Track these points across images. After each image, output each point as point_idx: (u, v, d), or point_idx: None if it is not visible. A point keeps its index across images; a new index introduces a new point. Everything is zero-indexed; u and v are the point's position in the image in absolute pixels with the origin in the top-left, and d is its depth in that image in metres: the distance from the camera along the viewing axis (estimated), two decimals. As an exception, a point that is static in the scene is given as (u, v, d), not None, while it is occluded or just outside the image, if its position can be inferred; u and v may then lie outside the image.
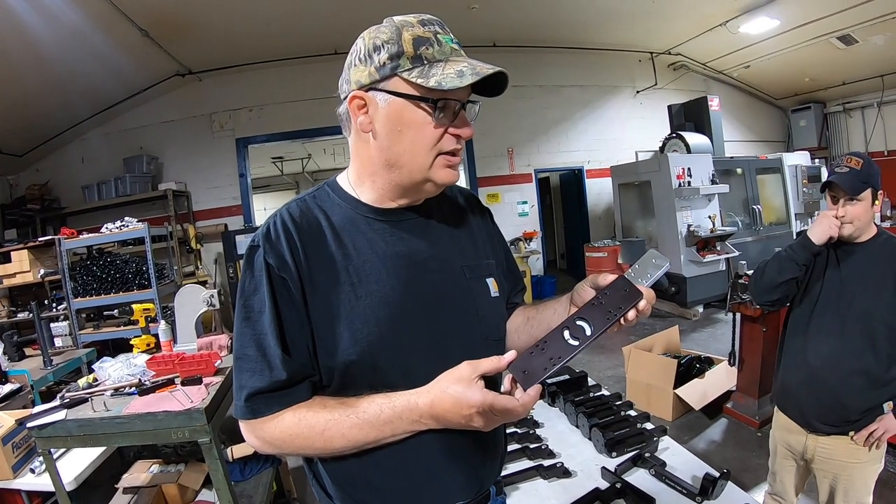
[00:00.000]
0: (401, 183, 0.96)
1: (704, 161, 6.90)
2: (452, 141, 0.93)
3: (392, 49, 0.87)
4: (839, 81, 9.27)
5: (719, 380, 3.97)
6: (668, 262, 0.93)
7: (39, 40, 5.17)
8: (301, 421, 0.88)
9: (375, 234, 0.98)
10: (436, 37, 0.89)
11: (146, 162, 7.63)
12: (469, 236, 1.11)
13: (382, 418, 0.86)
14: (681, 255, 6.57)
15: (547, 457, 1.95)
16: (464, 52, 0.92)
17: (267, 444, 0.92)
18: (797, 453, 2.03)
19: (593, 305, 0.86)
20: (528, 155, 8.98)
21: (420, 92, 0.87)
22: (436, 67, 0.87)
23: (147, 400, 2.20)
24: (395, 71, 0.87)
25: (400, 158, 0.93)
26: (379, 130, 0.92)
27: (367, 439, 0.88)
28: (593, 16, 7.56)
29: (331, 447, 0.89)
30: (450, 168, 0.95)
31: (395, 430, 0.88)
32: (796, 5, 6.99)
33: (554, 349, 0.80)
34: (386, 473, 0.96)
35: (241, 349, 0.91)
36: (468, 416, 0.81)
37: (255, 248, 0.93)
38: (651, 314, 2.41)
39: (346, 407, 0.88)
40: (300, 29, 6.84)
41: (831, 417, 1.88)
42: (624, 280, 0.88)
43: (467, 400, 0.80)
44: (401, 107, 0.89)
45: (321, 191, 1.03)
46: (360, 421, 0.86)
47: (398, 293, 0.94)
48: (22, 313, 5.84)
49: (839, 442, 1.88)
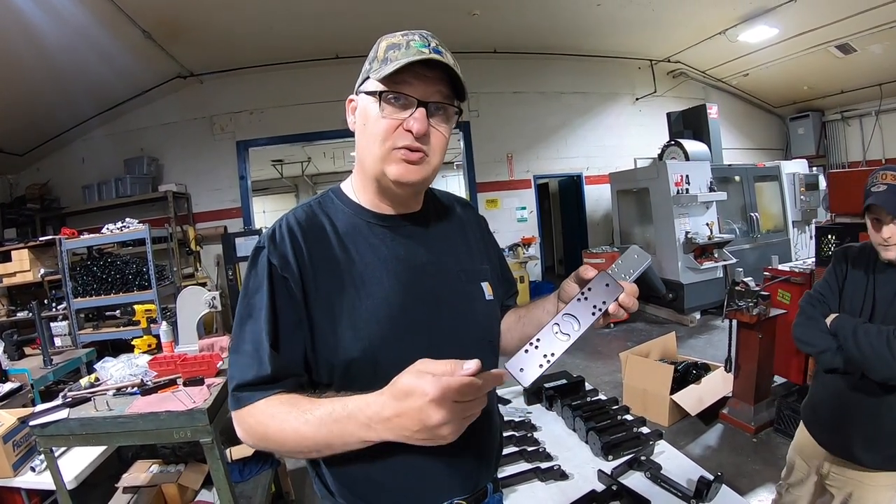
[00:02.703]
0: (369, 177, 1.01)
1: (703, 168, 6.93)
2: (406, 137, 0.93)
3: (371, 56, 0.97)
4: (837, 90, 9.30)
5: (715, 386, 3.99)
6: (649, 258, 0.97)
7: (42, 37, 5.17)
8: (266, 410, 0.89)
9: (377, 239, 1.02)
10: (408, 43, 0.93)
11: (147, 163, 7.64)
12: (465, 242, 1.16)
13: (332, 417, 0.81)
14: (678, 261, 6.60)
15: (544, 459, 1.97)
16: (446, 56, 0.93)
17: (246, 434, 0.92)
18: (813, 468, 1.99)
19: (578, 301, 0.89)
20: (528, 161, 9.02)
21: (374, 87, 0.94)
22: (389, 64, 0.91)
23: (149, 400, 2.22)
24: (367, 74, 0.97)
25: (363, 152, 0.99)
26: (357, 129, 1.00)
27: (315, 437, 0.83)
28: (593, 23, 7.59)
29: (285, 443, 0.87)
30: (405, 162, 0.95)
31: (345, 434, 0.80)
32: (795, 14, 7.02)
33: (546, 346, 0.82)
34: (385, 470, 0.98)
35: (238, 344, 0.95)
36: (422, 407, 0.71)
37: (261, 249, 0.97)
38: (648, 320, 2.42)
39: (310, 403, 0.86)
40: (302, 33, 6.87)
41: (845, 452, 1.82)
42: (606, 275, 0.91)
43: (421, 387, 0.71)
44: (365, 103, 0.97)
45: (326, 197, 1.08)
46: (313, 418, 0.83)
47: (398, 295, 0.98)
48: (21, 312, 5.84)
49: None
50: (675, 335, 4.63)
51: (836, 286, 1.92)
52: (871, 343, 1.67)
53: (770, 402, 3.76)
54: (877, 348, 1.66)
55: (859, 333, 1.72)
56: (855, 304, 1.83)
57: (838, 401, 1.85)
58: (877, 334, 1.68)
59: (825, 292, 1.95)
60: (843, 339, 1.77)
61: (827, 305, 1.92)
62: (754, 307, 3.51)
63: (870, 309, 1.79)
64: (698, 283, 6.66)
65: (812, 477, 2.01)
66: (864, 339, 1.70)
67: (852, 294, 1.85)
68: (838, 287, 1.92)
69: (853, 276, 1.88)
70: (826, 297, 1.93)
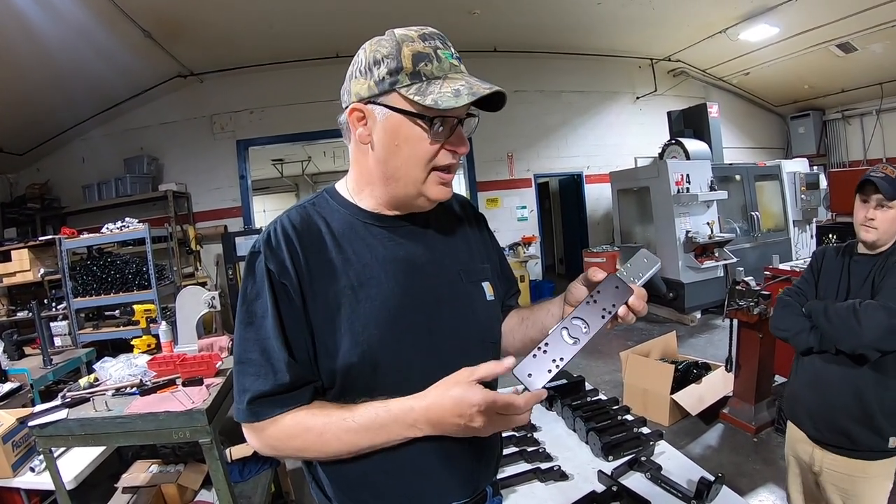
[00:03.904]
0: (396, 195, 0.98)
1: (703, 167, 6.92)
2: (448, 156, 0.94)
3: (391, 64, 0.88)
4: (838, 89, 9.30)
5: (716, 385, 3.98)
6: (658, 262, 0.95)
7: (42, 37, 5.17)
8: (299, 423, 0.90)
9: (375, 240, 0.99)
10: (435, 52, 0.90)
11: (147, 162, 7.65)
12: (465, 242, 1.14)
13: (378, 422, 0.87)
14: (679, 261, 6.59)
15: (544, 460, 1.97)
16: (464, 66, 0.94)
17: (267, 447, 0.94)
18: (806, 465, 2.01)
19: (588, 304, 0.88)
20: (528, 160, 9.02)
21: (417, 109, 0.89)
22: (433, 85, 0.88)
23: (148, 400, 2.22)
24: (393, 86, 0.89)
25: (396, 172, 0.95)
26: (377, 143, 0.94)
27: (361, 443, 0.89)
28: (594, 22, 7.59)
29: (327, 450, 0.91)
30: (443, 185, 0.97)
31: (391, 434, 0.88)
32: (796, 13, 7.02)
33: (555, 350, 0.82)
34: (384, 474, 0.97)
35: (244, 353, 0.92)
36: (469, 415, 0.81)
37: (257, 255, 0.95)
38: (649, 319, 2.39)
39: (343, 411, 0.90)
40: (302, 32, 6.87)
41: (836, 435, 1.85)
42: (615, 278, 0.90)
43: (468, 399, 0.81)
44: (398, 122, 0.91)
45: (320, 198, 1.05)
46: (356, 425, 0.87)
47: (397, 296, 0.96)
48: (21, 312, 5.84)
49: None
50: (675, 334, 4.63)
51: (812, 279, 2.03)
52: (840, 315, 1.77)
53: (771, 402, 3.75)
54: (844, 319, 1.75)
55: (829, 310, 1.82)
56: (829, 292, 1.93)
57: (818, 385, 1.89)
58: (845, 308, 1.77)
59: (802, 285, 2.06)
60: (815, 317, 1.86)
61: (804, 296, 2.01)
62: (755, 306, 3.50)
63: (844, 295, 1.88)
64: (699, 283, 6.65)
65: (805, 475, 2.03)
66: (834, 314, 1.80)
67: (827, 283, 1.95)
68: (814, 280, 2.02)
69: (828, 268, 1.99)
70: (803, 290, 2.03)
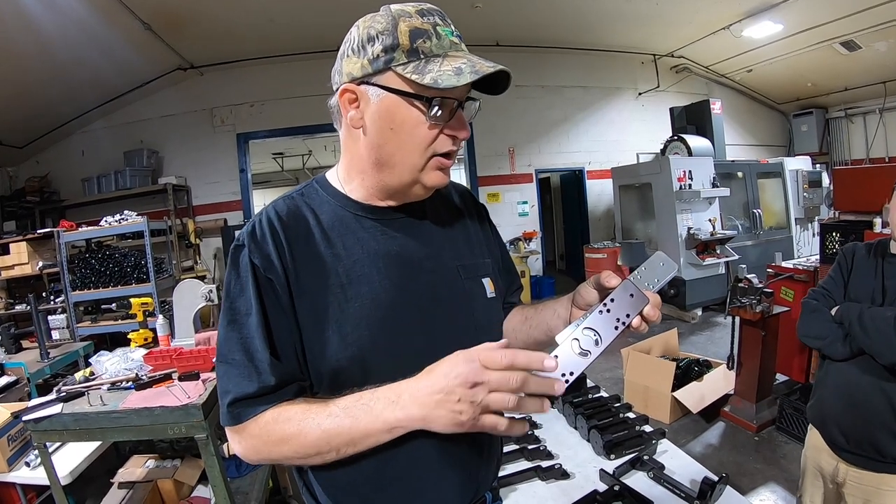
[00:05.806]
0: (390, 183, 0.91)
1: (705, 164, 6.89)
2: (448, 142, 0.88)
3: (387, 41, 0.82)
4: (841, 87, 9.25)
5: (717, 383, 3.97)
6: (675, 266, 0.89)
7: (42, 29, 5.15)
8: (279, 415, 0.82)
9: (366, 233, 0.93)
10: (435, 29, 0.83)
11: (146, 156, 7.63)
12: (464, 235, 1.07)
13: (361, 402, 0.78)
14: (680, 257, 6.56)
15: (545, 458, 1.94)
16: (465, 45, 0.87)
17: (250, 448, 0.85)
18: (828, 476, 1.89)
19: (600, 314, 0.82)
20: (529, 155, 8.98)
21: (414, 89, 0.82)
22: (433, 63, 0.81)
23: (144, 395, 2.19)
24: (388, 64, 0.82)
25: (391, 158, 0.88)
26: (370, 127, 0.87)
27: (341, 427, 0.78)
28: (597, 17, 7.55)
29: (306, 441, 0.80)
30: (441, 171, 0.90)
31: (371, 414, 0.77)
32: (800, 10, 6.99)
33: (565, 364, 0.77)
34: (379, 481, 0.92)
35: (227, 354, 0.85)
36: (473, 372, 0.71)
37: (241, 248, 0.89)
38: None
39: (325, 401, 0.82)
40: (303, 24, 6.82)
41: (864, 446, 1.73)
42: (630, 285, 0.84)
43: (468, 353, 0.72)
44: (394, 103, 0.84)
45: (309, 187, 0.98)
46: (337, 409, 0.79)
47: (390, 295, 0.90)
48: (19, 305, 5.84)
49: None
50: (676, 331, 4.61)
51: (842, 279, 1.88)
52: (878, 326, 1.62)
53: (772, 401, 3.73)
54: (883, 331, 1.60)
55: (865, 317, 1.67)
56: (862, 295, 1.79)
57: (850, 394, 1.76)
58: (883, 317, 1.62)
59: (829, 286, 1.91)
60: (848, 324, 1.72)
61: (832, 299, 1.88)
62: (757, 304, 3.48)
63: (880, 298, 1.74)
64: (700, 280, 6.64)
65: (825, 485, 1.93)
66: (870, 322, 1.65)
67: (859, 285, 1.81)
68: (843, 280, 1.88)
69: (860, 268, 1.84)
70: (830, 291, 1.89)
